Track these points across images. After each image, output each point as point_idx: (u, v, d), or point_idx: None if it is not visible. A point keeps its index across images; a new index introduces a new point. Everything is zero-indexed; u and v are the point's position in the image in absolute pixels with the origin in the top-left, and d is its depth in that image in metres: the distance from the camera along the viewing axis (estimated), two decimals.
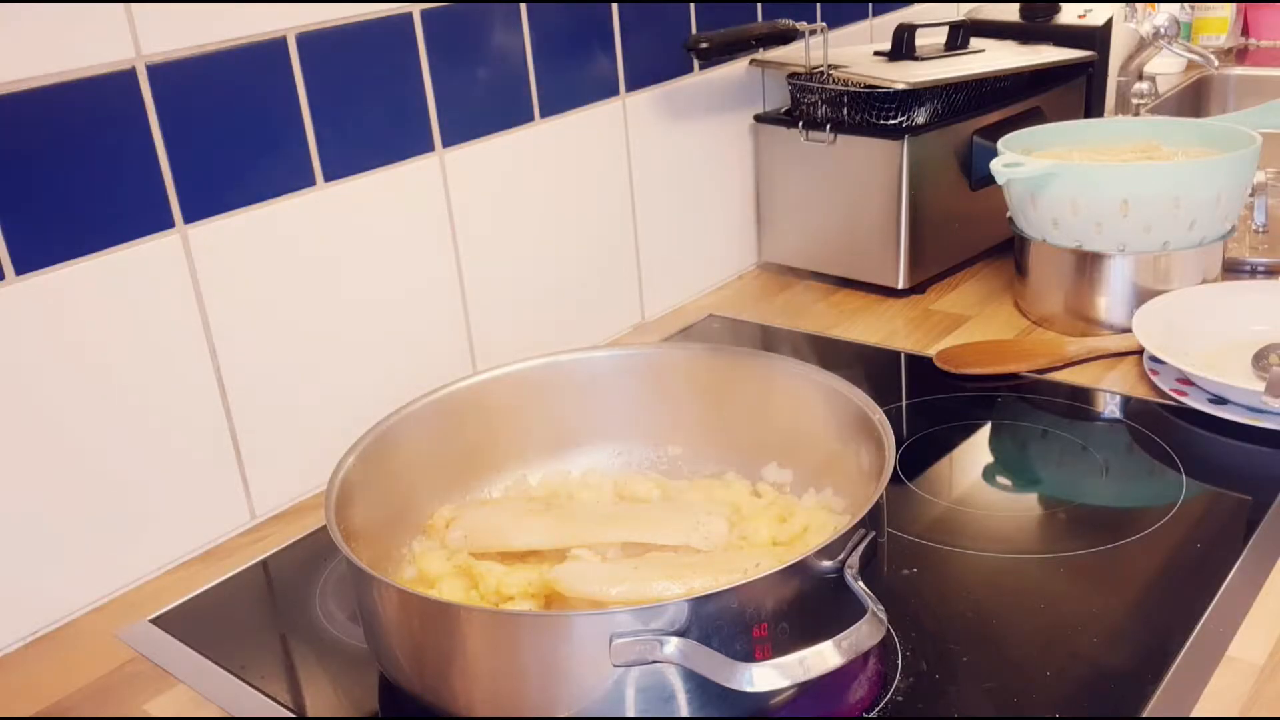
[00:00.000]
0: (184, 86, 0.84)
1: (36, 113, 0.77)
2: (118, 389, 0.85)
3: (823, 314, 1.29)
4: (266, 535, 0.94)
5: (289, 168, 0.92)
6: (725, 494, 0.85)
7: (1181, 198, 1.09)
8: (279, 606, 0.86)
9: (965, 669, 0.72)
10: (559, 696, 0.63)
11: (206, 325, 0.89)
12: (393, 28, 0.97)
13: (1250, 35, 2.16)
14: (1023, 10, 1.49)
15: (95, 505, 0.85)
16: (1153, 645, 0.73)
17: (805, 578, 0.64)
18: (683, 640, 0.60)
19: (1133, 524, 0.86)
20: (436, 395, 0.85)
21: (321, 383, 0.98)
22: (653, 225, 1.28)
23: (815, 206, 1.34)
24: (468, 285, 1.09)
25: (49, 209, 0.79)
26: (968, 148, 1.31)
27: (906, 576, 0.81)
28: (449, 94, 1.03)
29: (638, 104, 1.22)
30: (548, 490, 0.88)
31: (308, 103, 0.92)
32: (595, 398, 0.91)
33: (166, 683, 0.77)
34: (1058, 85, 1.42)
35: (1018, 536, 0.87)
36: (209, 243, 0.88)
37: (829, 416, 0.82)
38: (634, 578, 0.69)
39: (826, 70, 1.28)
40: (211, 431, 0.91)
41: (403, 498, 0.82)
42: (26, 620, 0.83)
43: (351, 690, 0.76)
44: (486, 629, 0.65)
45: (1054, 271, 1.18)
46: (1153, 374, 1.05)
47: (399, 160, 1.00)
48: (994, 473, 0.96)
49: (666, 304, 1.33)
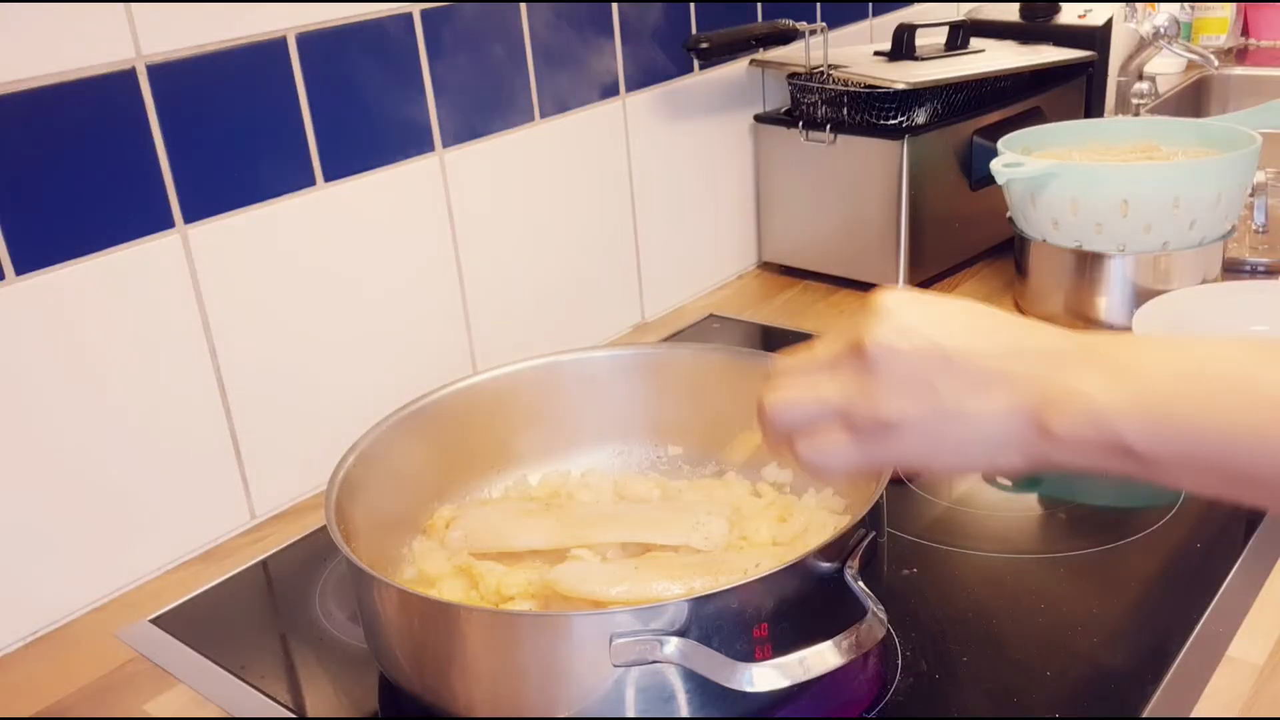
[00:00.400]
0: (184, 86, 0.84)
1: (36, 113, 0.77)
2: (118, 389, 0.85)
3: (823, 314, 1.29)
4: (266, 535, 0.94)
5: (289, 168, 0.92)
6: (725, 494, 0.85)
7: (1181, 198, 1.09)
8: (279, 606, 0.86)
9: (965, 669, 0.72)
10: (559, 696, 0.63)
11: (206, 325, 0.89)
12: (393, 28, 0.97)
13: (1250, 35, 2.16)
14: (1023, 10, 1.49)
15: (95, 505, 0.85)
16: (1153, 645, 0.73)
17: (805, 578, 0.64)
18: (683, 640, 0.60)
19: (1133, 524, 0.86)
20: (436, 395, 0.85)
21: (321, 383, 0.98)
22: (653, 225, 1.28)
23: (815, 206, 1.33)
24: (467, 285, 1.09)
25: (49, 209, 0.79)
26: (968, 148, 1.31)
27: (906, 576, 0.81)
28: (449, 94, 1.03)
29: (638, 104, 1.22)
30: (548, 490, 0.88)
31: (308, 103, 0.92)
32: (595, 398, 0.91)
33: (166, 683, 0.77)
34: (1058, 85, 1.42)
35: (1018, 536, 0.87)
36: (209, 243, 0.88)
37: None
38: (634, 578, 0.69)
39: (826, 70, 1.28)
40: (211, 431, 0.91)
41: (403, 498, 0.82)
42: (26, 620, 0.83)
43: (351, 690, 0.76)
44: (486, 629, 0.65)
45: (1054, 271, 1.18)
46: None
47: (399, 160, 1.00)
48: None
49: (666, 304, 1.33)
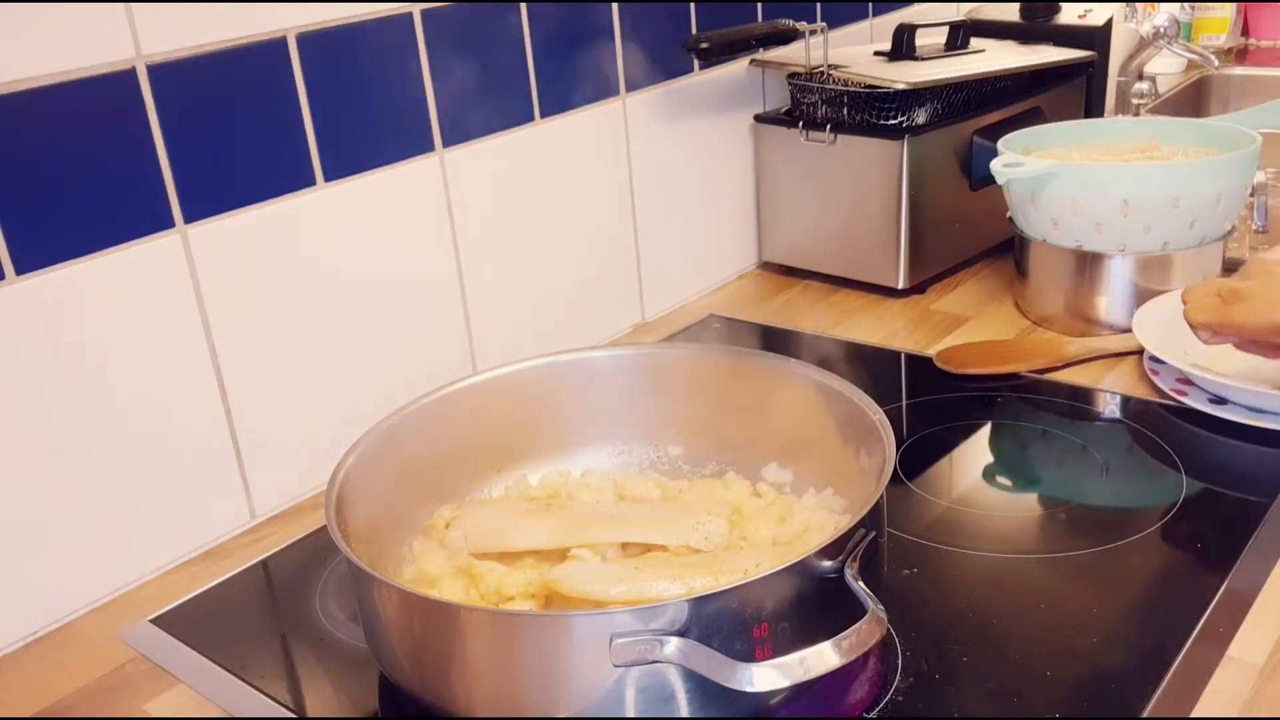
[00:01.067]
0: (184, 86, 0.84)
1: (36, 113, 0.77)
2: (118, 389, 0.85)
3: (823, 314, 1.29)
4: (266, 535, 0.94)
5: (289, 168, 0.92)
6: (725, 494, 0.85)
7: (1181, 198, 1.09)
8: (279, 606, 0.86)
9: (965, 669, 0.72)
10: (559, 696, 0.63)
11: (206, 325, 0.89)
12: (393, 28, 0.97)
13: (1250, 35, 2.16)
14: (1023, 10, 1.49)
15: (95, 505, 0.85)
16: (1153, 645, 0.73)
17: (805, 578, 0.64)
18: (683, 640, 0.60)
19: (1133, 524, 0.86)
20: (436, 395, 0.85)
21: (321, 383, 0.98)
22: (653, 225, 1.28)
23: (815, 206, 1.34)
24: (468, 285, 1.09)
25: (49, 209, 0.79)
26: (968, 148, 1.31)
27: (906, 576, 0.81)
28: (449, 94, 1.03)
29: (637, 104, 1.22)
30: (548, 490, 0.88)
31: (308, 103, 0.92)
32: (595, 398, 0.91)
33: (166, 683, 0.77)
34: (1058, 85, 1.42)
35: (1018, 536, 0.87)
36: (209, 243, 0.88)
37: (829, 416, 0.82)
38: (634, 578, 0.69)
39: (826, 70, 1.28)
40: (211, 432, 0.91)
41: (403, 498, 0.82)
42: (26, 620, 0.83)
43: (351, 690, 0.76)
44: (486, 629, 0.65)
45: (1054, 271, 1.18)
46: (1153, 374, 1.05)
47: (399, 160, 1.00)
48: (994, 473, 0.96)
49: (666, 304, 1.33)
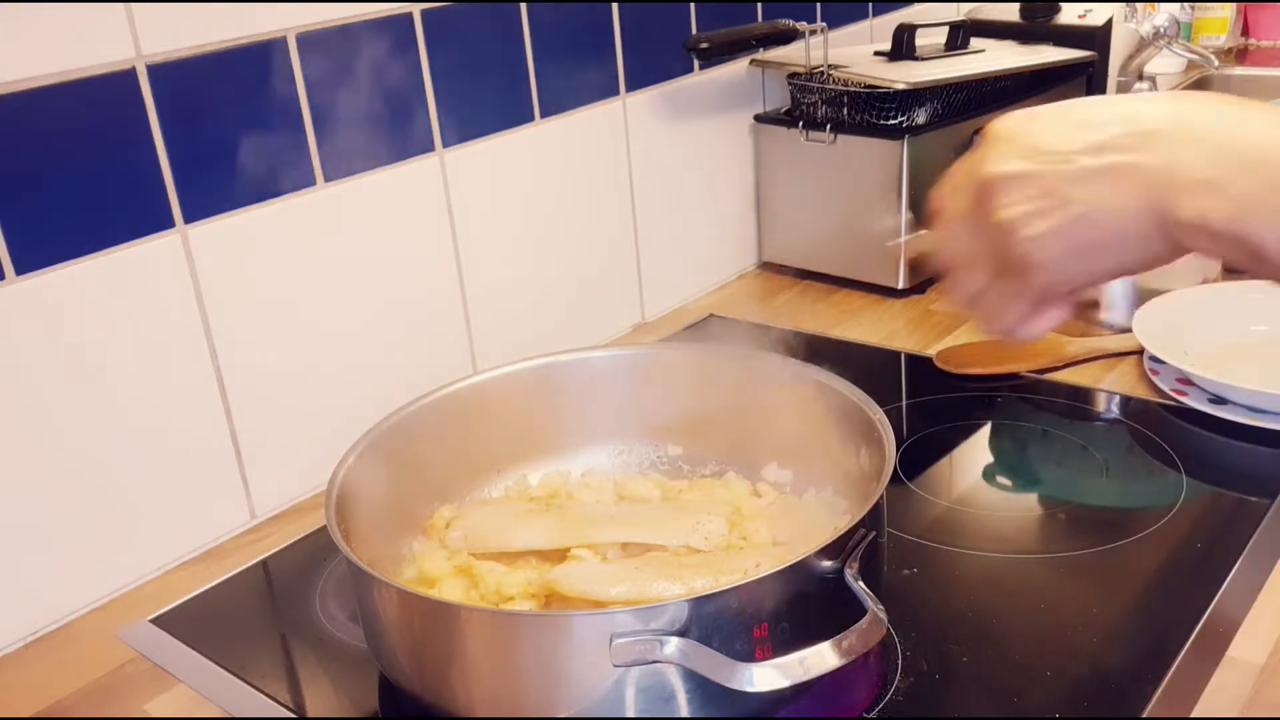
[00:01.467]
0: (184, 86, 0.84)
1: (36, 113, 0.77)
2: (118, 389, 0.85)
3: (823, 314, 1.29)
4: (266, 535, 0.94)
5: (289, 167, 0.92)
6: (725, 494, 0.85)
7: None
8: (279, 606, 0.86)
9: (965, 669, 0.72)
10: (559, 696, 0.63)
11: (206, 325, 0.89)
12: (393, 28, 0.97)
13: (1250, 35, 2.16)
14: (1023, 10, 1.49)
15: (95, 505, 0.85)
16: (1153, 645, 0.73)
17: (805, 578, 0.64)
18: (683, 640, 0.60)
19: (1133, 524, 0.86)
20: (436, 395, 0.85)
21: (321, 383, 0.98)
22: (653, 225, 1.28)
23: (815, 206, 1.33)
24: (468, 285, 1.08)
25: (49, 209, 0.79)
26: (968, 148, 1.30)
27: (906, 576, 0.81)
28: (449, 94, 1.03)
29: (638, 104, 1.22)
30: (548, 490, 0.88)
31: (307, 103, 0.92)
32: (595, 398, 0.91)
33: (166, 683, 0.77)
34: (1058, 85, 1.42)
35: (1018, 536, 0.87)
36: (209, 243, 0.88)
37: (829, 416, 0.82)
38: (634, 578, 0.69)
39: (826, 70, 1.28)
40: (211, 432, 0.91)
41: (403, 498, 0.82)
42: (26, 620, 0.83)
43: (351, 690, 0.76)
44: (486, 629, 0.65)
45: None
46: (1153, 374, 1.05)
47: (399, 160, 1.00)
48: (994, 473, 0.96)
49: (666, 304, 1.33)
